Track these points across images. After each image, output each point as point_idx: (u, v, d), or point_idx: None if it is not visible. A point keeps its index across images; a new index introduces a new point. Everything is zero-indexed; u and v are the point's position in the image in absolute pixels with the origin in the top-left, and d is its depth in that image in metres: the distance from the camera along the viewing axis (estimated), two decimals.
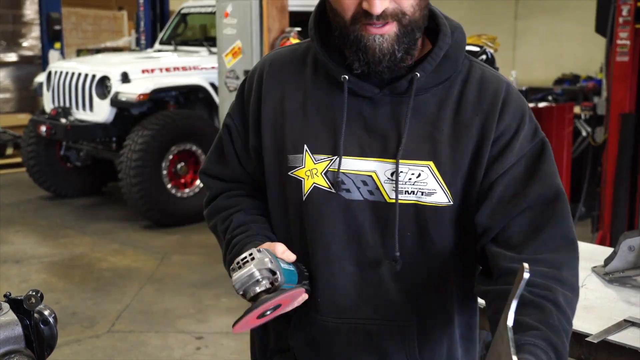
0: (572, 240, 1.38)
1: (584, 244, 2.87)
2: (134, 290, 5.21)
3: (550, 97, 6.56)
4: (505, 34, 10.59)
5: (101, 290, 5.23)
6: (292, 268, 1.35)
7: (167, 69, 7.18)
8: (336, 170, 1.39)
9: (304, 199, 1.42)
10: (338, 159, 1.39)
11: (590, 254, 2.74)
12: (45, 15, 9.61)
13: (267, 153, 1.48)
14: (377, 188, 1.39)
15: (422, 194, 1.37)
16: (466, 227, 1.41)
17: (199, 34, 8.35)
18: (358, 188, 1.40)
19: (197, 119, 7.07)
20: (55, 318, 1.44)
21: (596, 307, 2.23)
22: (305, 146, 1.42)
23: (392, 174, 1.38)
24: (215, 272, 5.34)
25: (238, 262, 1.28)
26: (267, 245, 1.37)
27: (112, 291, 5.20)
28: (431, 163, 1.37)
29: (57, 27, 9.62)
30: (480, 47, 3.81)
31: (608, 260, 2.47)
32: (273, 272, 1.27)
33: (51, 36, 9.61)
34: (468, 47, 3.78)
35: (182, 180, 6.94)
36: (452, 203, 1.38)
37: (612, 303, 2.27)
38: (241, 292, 1.28)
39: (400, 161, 1.37)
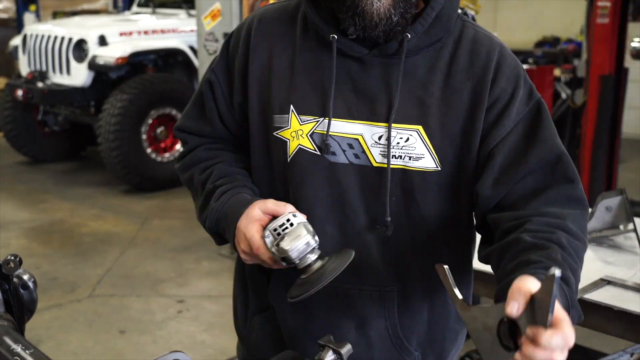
0: (578, 198, 1.34)
1: None
2: (114, 254, 5.21)
3: (530, 60, 6.58)
4: None
5: (82, 255, 5.23)
6: None
7: (146, 32, 7.11)
8: (324, 132, 1.36)
9: (288, 160, 1.40)
10: (326, 120, 1.36)
11: None
12: None
13: (252, 111, 1.45)
14: (364, 152, 1.36)
15: (409, 159, 1.34)
16: (455, 194, 1.39)
17: None
18: (344, 151, 1.37)
19: (176, 83, 7.02)
20: (34, 282, 1.44)
21: None
22: (292, 106, 1.39)
23: (379, 138, 1.35)
24: (196, 237, 5.34)
25: (276, 230, 1.26)
26: (259, 202, 1.35)
27: (93, 256, 5.20)
28: (420, 127, 1.34)
29: None
30: (462, 8, 3.79)
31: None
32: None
33: None
34: None
35: (162, 145, 6.91)
36: (439, 168, 1.35)
37: (589, 262, 2.28)
38: (297, 261, 1.25)
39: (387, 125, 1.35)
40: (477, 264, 1.51)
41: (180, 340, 3.91)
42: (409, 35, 1.31)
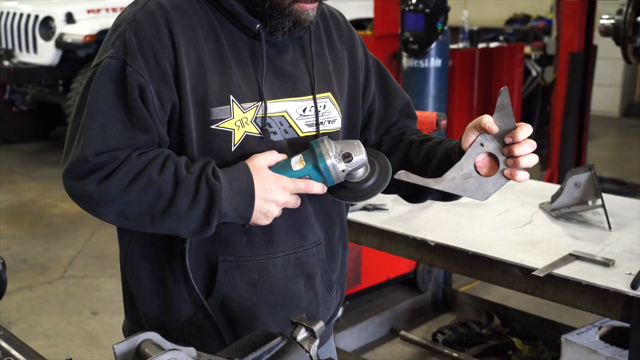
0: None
1: (531, 181, 2.93)
2: (86, 235, 5.19)
3: (501, 37, 6.61)
4: None
5: (52, 236, 5.20)
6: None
7: (114, 9, 7.00)
8: (262, 115, 1.43)
9: (233, 149, 1.42)
10: (263, 104, 1.43)
11: (538, 190, 2.80)
12: None
13: (185, 107, 1.37)
14: (290, 126, 1.48)
15: (328, 123, 1.53)
16: None
17: None
18: (279, 129, 1.47)
19: None
20: (3, 264, 1.42)
21: (542, 242, 2.29)
22: (231, 97, 1.41)
23: (303, 110, 1.50)
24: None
25: (334, 152, 1.38)
26: (256, 163, 1.40)
27: (64, 237, 5.17)
28: (329, 94, 1.53)
29: None
30: None
31: (555, 197, 2.52)
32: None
33: None
34: None
35: None
36: (342, 127, 1.57)
37: (558, 238, 2.32)
38: (356, 179, 1.44)
39: (310, 97, 1.51)
40: None
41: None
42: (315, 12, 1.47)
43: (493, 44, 6.01)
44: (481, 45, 5.82)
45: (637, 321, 1.99)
